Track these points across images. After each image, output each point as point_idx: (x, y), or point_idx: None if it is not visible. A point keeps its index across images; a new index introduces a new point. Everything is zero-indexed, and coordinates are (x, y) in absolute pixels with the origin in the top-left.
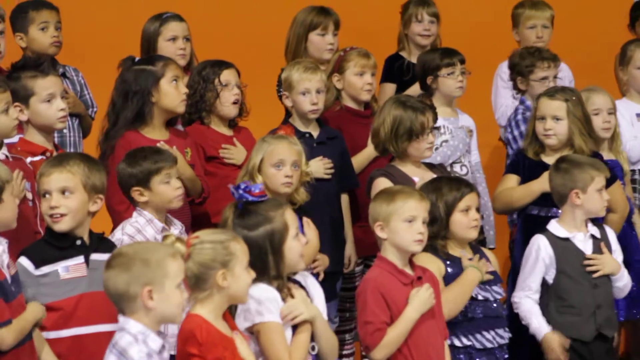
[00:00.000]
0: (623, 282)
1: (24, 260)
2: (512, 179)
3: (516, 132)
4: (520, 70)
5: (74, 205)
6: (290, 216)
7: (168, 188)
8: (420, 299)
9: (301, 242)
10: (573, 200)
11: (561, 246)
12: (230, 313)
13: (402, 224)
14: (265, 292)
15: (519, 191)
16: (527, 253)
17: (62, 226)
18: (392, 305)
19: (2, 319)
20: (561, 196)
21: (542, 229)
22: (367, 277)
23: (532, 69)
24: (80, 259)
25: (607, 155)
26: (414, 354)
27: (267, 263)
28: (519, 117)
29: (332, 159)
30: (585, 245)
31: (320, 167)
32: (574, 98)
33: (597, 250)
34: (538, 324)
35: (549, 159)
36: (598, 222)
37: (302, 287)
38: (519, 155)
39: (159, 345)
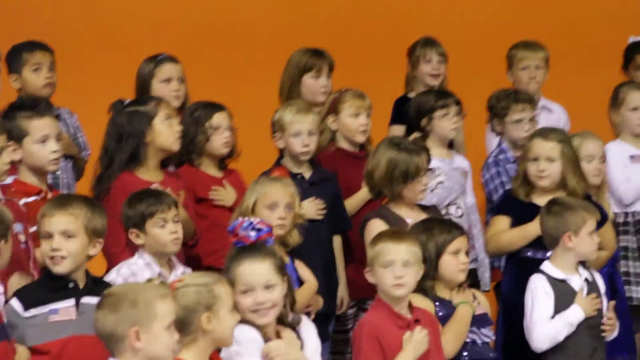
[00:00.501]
0: (614, 335)
1: (14, 302)
2: (503, 221)
3: (487, 175)
4: (496, 112)
5: (75, 248)
6: (243, 272)
7: (163, 232)
8: (413, 344)
9: (255, 300)
10: (565, 243)
11: (559, 287)
12: None
13: (380, 269)
14: (246, 333)
15: (513, 234)
16: (530, 294)
17: (61, 269)
18: (387, 349)
19: None
20: (553, 239)
21: (537, 271)
22: (363, 320)
23: (506, 110)
24: (71, 301)
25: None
26: None
27: None
28: (491, 159)
29: (324, 200)
30: (579, 287)
31: (312, 208)
32: (566, 139)
33: (591, 292)
34: (567, 318)
35: (541, 200)
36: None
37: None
38: (508, 196)
39: None
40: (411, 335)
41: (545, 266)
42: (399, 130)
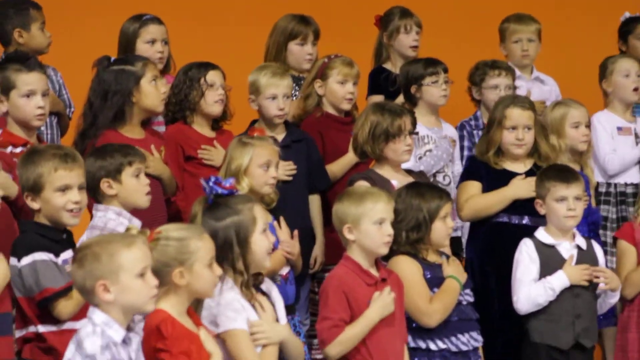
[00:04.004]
0: (616, 299)
1: (43, 255)
2: (475, 186)
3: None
4: (474, 79)
5: (86, 201)
6: (259, 211)
7: (137, 182)
8: (382, 303)
9: (269, 240)
10: (539, 210)
11: (546, 253)
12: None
13: (372, 226)
14: (232, 300)
15: (490, 198)
16: (518, 257)
17: (77, 221)
18: (353, 305)
19: None
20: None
21: (511, 238)
22: (332, 274)
23: (483, 76)
24: (70, 252)
25: (573, 167)
26: (373, 354)
27: (232, 255)
28: (460, 123)
29: (297, 162)
30: (569, 254)
31: (280, 169)
32: (533, 106)
33: (583, 261)
34: (549, 283)
35: (515, 167)
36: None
37: (264, 293)
38: (477, 163)
39: (121, 336)
40: (380, 295)
41: (538, 232)
42: (378, 100)
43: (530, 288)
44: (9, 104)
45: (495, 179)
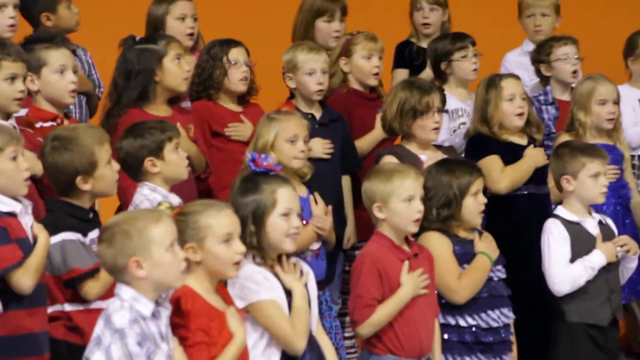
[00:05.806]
0: (636, 262)
1: (71, 235)
2: (499, 159)
3: None
4: (540, 58)
5: None
6: (284, 195)
7: (178, 157)
8: (414, 283)
9: (292, 224)
10: (565, 187)
11: (574, 230)
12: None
13: (401, 204)
14: (252, 272)
15: (522, 168)
16: (547, 239)
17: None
18: (386, 281)
19: (14, 261)
20: (556, 181)
21: (535, 208)
22: (364, 251)
23: (550, 50)
24: (97, 231)
25: (606, 141)
26: (404, 329)
27: (246, 231)
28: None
29: (334, 141)
30: (595, 230)
31: (319, 147)
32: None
33: (606, 235)
34: (589, 262)
35: (517, 140)
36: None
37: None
38: (486, 139)
39: (150, 310)
40: (412, 274)
41: (559, 210)
42: (403, 74)
43: (572, 269)
44: (40, 82)
45: (507, 152)
